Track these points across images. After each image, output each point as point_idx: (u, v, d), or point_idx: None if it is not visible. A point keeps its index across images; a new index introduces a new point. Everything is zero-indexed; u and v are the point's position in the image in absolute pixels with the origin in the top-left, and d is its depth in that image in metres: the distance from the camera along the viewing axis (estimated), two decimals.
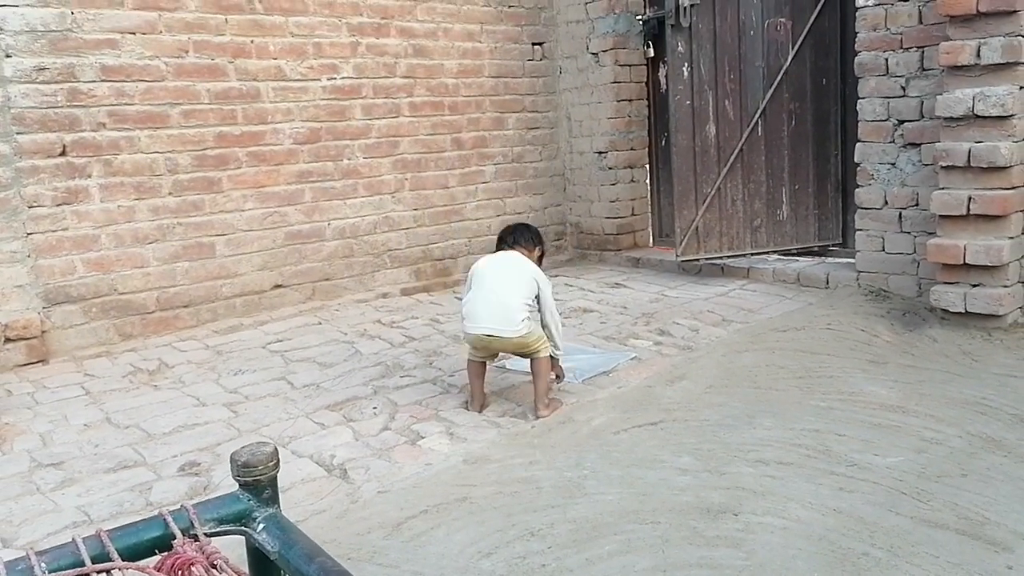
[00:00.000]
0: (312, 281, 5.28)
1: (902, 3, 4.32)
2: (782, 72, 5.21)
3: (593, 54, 6.20)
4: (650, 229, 6.56)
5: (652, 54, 6.17)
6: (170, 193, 4.66)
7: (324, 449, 3.03)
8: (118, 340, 4.49)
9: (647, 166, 6.45)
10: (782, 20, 5.21)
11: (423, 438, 3.13)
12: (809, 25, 5.16)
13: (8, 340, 4.08)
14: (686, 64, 5.23)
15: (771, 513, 2.40)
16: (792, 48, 5.20)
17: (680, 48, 5.22)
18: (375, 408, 3.45)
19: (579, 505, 2.53)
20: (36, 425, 3.34)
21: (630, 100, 6.23)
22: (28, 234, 4.22)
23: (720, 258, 5.47)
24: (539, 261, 3.56)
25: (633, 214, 6.41)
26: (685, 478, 2.67)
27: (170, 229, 4.68)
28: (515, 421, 3.26)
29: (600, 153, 6.29)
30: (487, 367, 3.49)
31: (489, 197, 6.17)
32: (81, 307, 4.39)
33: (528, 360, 3.37)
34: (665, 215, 6.38)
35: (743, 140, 5.30)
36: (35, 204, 4.23)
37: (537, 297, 3.36)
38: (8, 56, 4.11)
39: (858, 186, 4.63)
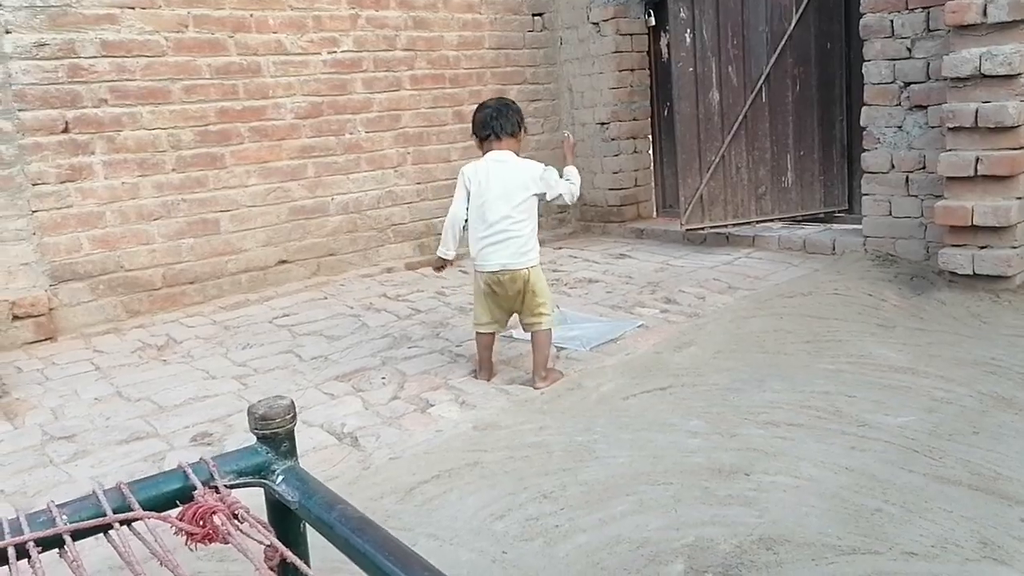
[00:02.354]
0: (317, 256, 5.28)
1: None
2: (786, 37, 5.17)
3: (594, 24, 6.15)
4: (654, 200, 6.54)
5: (653, 23, 6.12)
6: (173, 169, 4.65)
7: (334, 418, 3.04)
8: (126, 317, 4.50)
9: (650, 136, 6.42)
10: None
11: (432, 406, 3.13)
12: None
13: (16, 318, 4.09)
14: (688, 30, 5.18)
15: (783, 472, 2.41)
16: (796, 12, 5.15)
17: (683, 14, 5.18)
18: (383, 378, 3.45)
19: (590, 468, 2.54)
20: (47, 400, 3.35)
21: (632, 70, 6.19)
22: (33, 212, 4.21)
23: (725, 227, 5.46)
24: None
25: (636, 185, 6.39)
26: (696, 440, 2.67)
27: (174, 206, 4.67)
28: (524, 388, 3.27)
29: (602, 124, 6.26)
30: (495, 338, 3.49)
31: None
32: (88, 284, 4.39)
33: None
34: (669, 185, 6.36)
35: (747, 107, 5.26)
36: (39, 182, 4.22)
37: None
38: (8, 32, 4.08)
39: (864, 150, 4.61)
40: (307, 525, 1.29)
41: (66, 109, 4.27)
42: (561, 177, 3.42)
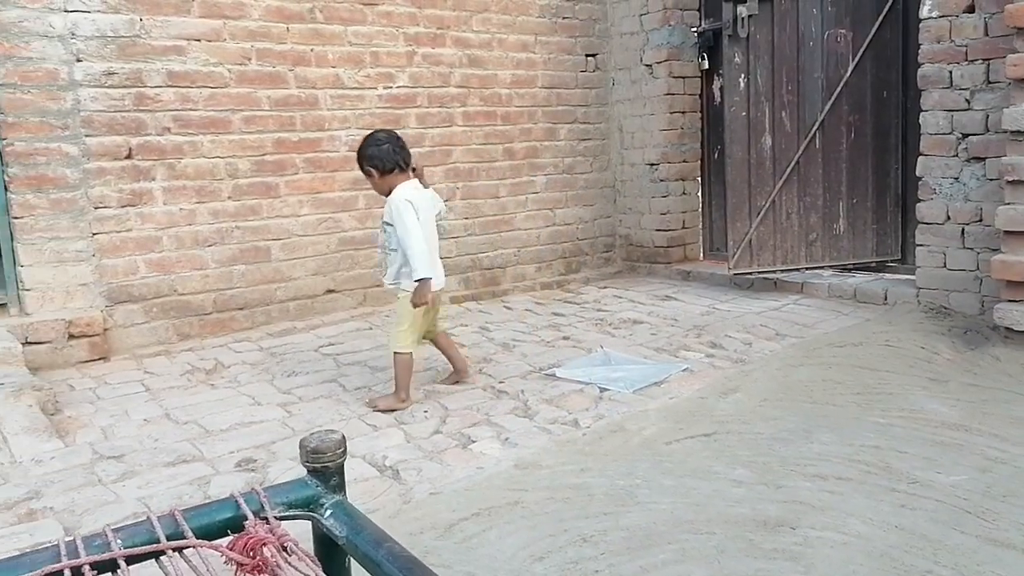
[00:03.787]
0: (363, 287, 5.34)
1: (967, 15, 4.24)
2: (842, 84, 5.14)
3: (647, 66, 6.19)
4: (701, 242, 6.51)
5: (707, 66, 6.13)
6: (229, 197, 4.76)
7: (376, 450, 3.05)
8: (176, 340, 4.59)
9: (699, 179, 6.40)
10: (842, 31, 5.15)
11: (474, 442, 3.13)
12: (870, 37, 5.09)
13: (72, 337, 4.19)
14: (743, 75, 5.19)
15: (830, 528, 2.35)
16: (852, 60, 5.13)
17: (737, 59, 5.19)
18: (426, 412, 3.46)
19: (631, 513, 2.51)
20: (98, 419, 3.42)
21: (683, 112, 6.20)
22: (93, 234, 4.34)
23: (773, 272, 5.40)
24: None
25: (684, 227, 6.37)
26: (740, 490, 2.63)
27: (228, 232, 4.77)
28: (566, 428, 3.25)
29: (652, 165, 6.27)
30: None
31: (539, 207, 6.18)
32: (142, 307, 4.50)
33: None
34: (716, 228, 6.33)
35: (800, 152, 5.23)
36: (101, 205, 4.35)
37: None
38: (79, 60, 4.24)
39: (919, 200, 4.54)
40: (352, 561, 1.30)
41: (130, 136, 4.41)
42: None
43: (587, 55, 6.35)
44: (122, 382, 3.96)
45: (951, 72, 4.31)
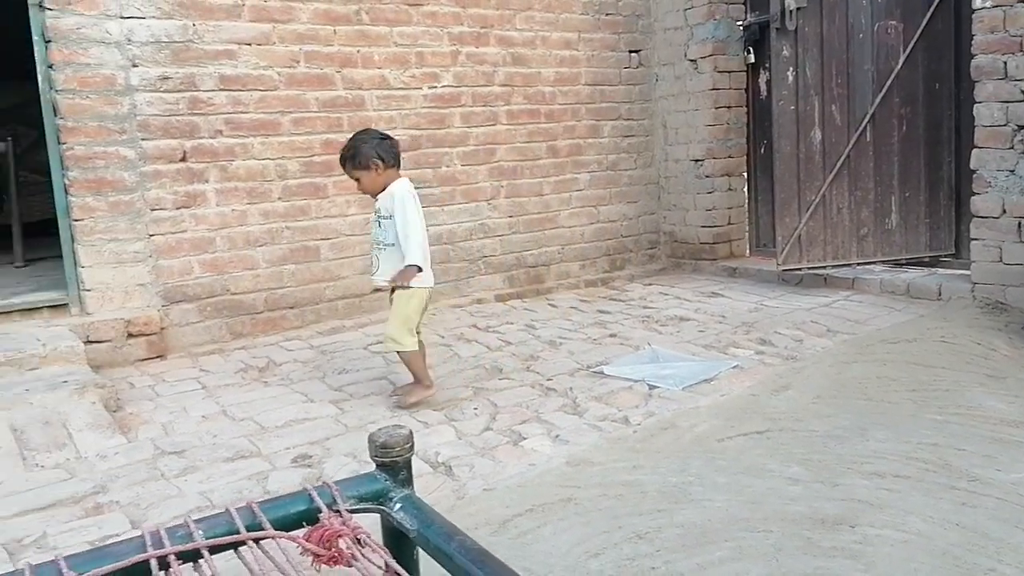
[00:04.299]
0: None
1: (1021, 5, 4.15)
2: (893, 76, 5.06)
3: (691, 61, 6.15)
4: (747, 238, 6.45)
5: (753, 60, 6.07)
6: (279, 198, 4.84)
7: (428, 447, 3.08)
8: (229, 338, 4.68)
9: (745, 174, 6.34)
10: (893, 23, 5.07)
11: (525, 439, 3.15)
12: (921, 28, 5.00)
13: (131, 336, 4.30)
14: (791, 68, 5.13)
15: (889, 526, 2.33)
16: (903, 51, 5.04)
17: (785, 52, 5.13)
18: (476, 409, 3.49)
19: (686, 510, 2.50)
20: (158, 416, 3.51)
21: (729, 107, 6.14)
22: (150, 236, 4.44)
23: (823, 268, 5.33)
24: None
25: (730, 223, 6.31)
26: (796, 488, 2.61)
27: (279, 233, 4.85)
28: (616, 425, 3.25)
29: (697, 161, 6.22)
30: None
31: (583, 205, 6.18)
32: (196, 306, 4.60)
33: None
34: (763, 224, 6.26)
35: (850, 146, 5.16)
36: (157, 207, 4.46)
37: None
38: (135, 66, 4.35)
39: (974, 194, 4.45)
40: (419, 553, 1.32)
41: (185, 139, 4.51)
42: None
43: (630, 51, 6.33)
44: (179, 380, 4.05)
45: (1006, 63, 4.22)
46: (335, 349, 4.53)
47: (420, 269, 3.48)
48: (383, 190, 3.52)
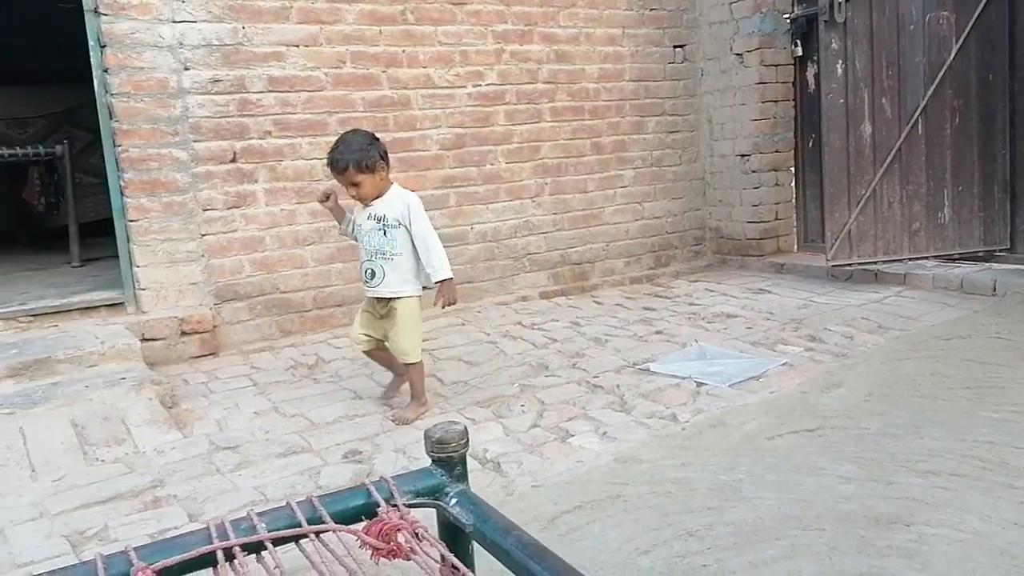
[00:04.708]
0: (456, 283, 5.39)
1: None
2: (945, 67, 4.95)
3: (737, 55, 6.08)
4: (795, 234, 6.36)
5: (800, 53, 5.98)
6: None
7: (477, 443, 3.10)
8: (279, 336, 4.76)
9: (792, 169, 6.26)
10: (944, 13, 4.96)
11: (572, 436, 3.15)
12: (974, 18, 4.89)
13: (184, 333, 4.40)
14: (840, 61, 5.04)
15: (946, 525, 2.29)
16: (956, 43, 4.93)
17: (834, 45, 5.04)
18: (523, 406, 3.50)
19: (736, 508, 2.49)
20: (212, 412, 3.58)
21: (775, 101, 6.07)
22: (202, 235, 4.54)
23: (874, 263, 5.24)
24: None
25: (777, 218, 6.23)
26: (848, 486, 2.57)
27: (326, 232, 4.91)
28: (664, 423, 3.24)
29: (743, 156, 6.16)
30: None
31: (627, 201, 6.15)
32: (247, 304, 4.68)
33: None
34: (811, 220, 6.17)
35: (902, 139, 5.06)
36: (209, 207, 4.55)
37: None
38: (187, 69, 4.44)
39: None
40: (474, 547, 1.34)
41: (235, 140, 4.59)
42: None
43: (675, 46, 6.28)
44: (231, 376, 4.13)
45: None
46: None
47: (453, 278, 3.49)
48: (379, 195, 3.40)
